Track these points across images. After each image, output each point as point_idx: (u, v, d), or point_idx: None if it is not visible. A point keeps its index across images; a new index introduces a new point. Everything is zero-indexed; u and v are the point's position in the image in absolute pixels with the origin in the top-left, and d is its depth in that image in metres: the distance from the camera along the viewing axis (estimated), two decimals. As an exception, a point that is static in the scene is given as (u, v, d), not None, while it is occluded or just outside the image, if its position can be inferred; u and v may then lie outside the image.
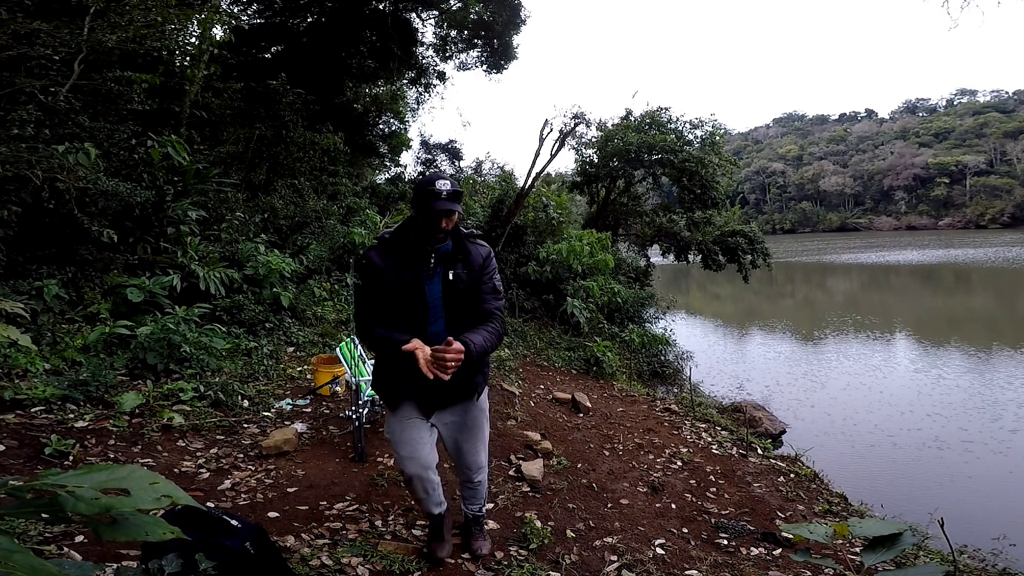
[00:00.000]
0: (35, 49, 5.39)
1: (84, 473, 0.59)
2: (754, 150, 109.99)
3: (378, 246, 2.18)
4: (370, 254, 2.17)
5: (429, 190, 2.05)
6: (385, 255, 2.14)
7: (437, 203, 2.04)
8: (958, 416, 8.13)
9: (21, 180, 4.84)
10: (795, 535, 1.22)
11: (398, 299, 2.12)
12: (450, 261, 2.16)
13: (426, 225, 2.08)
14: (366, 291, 2.16)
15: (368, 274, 2.15)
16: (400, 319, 2.12)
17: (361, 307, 2.18)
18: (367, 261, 2.16)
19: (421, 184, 2.09)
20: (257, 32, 12.26)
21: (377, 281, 2.13)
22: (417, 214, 2.10)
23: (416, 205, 2.10)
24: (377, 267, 2.13)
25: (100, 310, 4.94)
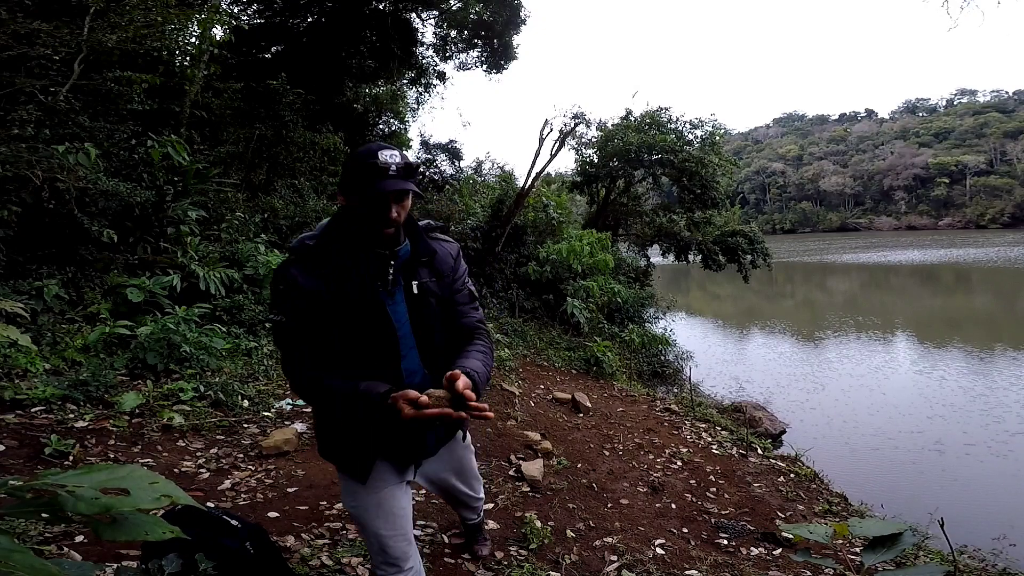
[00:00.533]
0: (35, 49, 5.40)
1: (84, 473, 0.59)
2: (754, 150, 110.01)
3: (299, 259, 1.50)
4: (291, 272, 1.48)
5: (370, 164, 1.41)
6: (314, 271, 1.48)
7: (384, 183, 1.41)
8: (960, 418, 8.13)
9: (21, 180, 4.84)
10: (795, 535, 1.22)
11: (349, 331, 1.48)
12: (410, 268, 1.55)
13: (369, 217, 1.44)
14: (295, 329, 1.48)
15: (293, 303, 1.46)
16: (355, 359, 1.49)
17: (291, 352, 1.49)
18: (287, 285, 1.48)
19: (358, 158, 1.44)
20: (257, 32, 12.25)
21: (310, 310, 1.46)
22: (354, 202, 1.46)
23: (352, 188, 1.45)
24: (306, 290, 1.45)
25: (100, 310, 4.94)
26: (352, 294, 1.48)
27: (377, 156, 1.42)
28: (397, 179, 1.43)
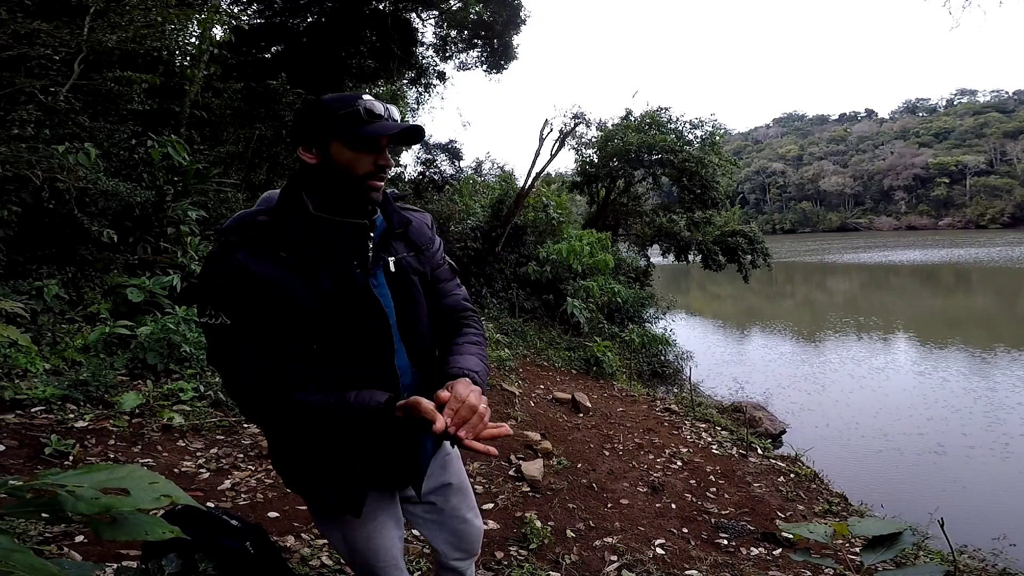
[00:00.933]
0: (35, 49, 5.40)
1: (84, 473, 0.59)
2: (754, 150, 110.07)
3: (245, 241, 1.14)
4: (236, 259, 1.12)
5: (355, 107, 1.13)
6: (269, 253, 1.14)
7: (380, 124, 1.14)
8: (961, 418, 8.12)
9: (21, 180, 4.84)
10: (795, 535, 1.23)
11: (324, 326, 1.16)
12: (385, 242, 1.25)
13: (351, 172, 1.15)
14: (244, 331, 1.12)
15: (241, 298, 1.12)
16: (333, 362, 1.17)
17: (240, 364, 1.14)
18: (231, 275, 1.12)
19: (334, 101, 1.15)
20: (257, 32, 12.25)
21: (267, 306, 1.12)
22: (326, 156, 1.15)
23: (324, 137, 1.15)
24: (261, 279, 1.11)
25: (100, 310, 4.94)
26: (328, 278, 1.16)
27: (361, 99, 1.15)
28: (401, 129, 1.16)
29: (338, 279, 1.17)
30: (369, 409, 1.10)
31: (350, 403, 1.11)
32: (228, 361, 1.15)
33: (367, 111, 1.14)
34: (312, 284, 1.14)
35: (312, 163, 1.16)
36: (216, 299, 1.13)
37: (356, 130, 1.12)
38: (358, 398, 1.12)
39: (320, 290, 1.15)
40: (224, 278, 1.13)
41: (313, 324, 1.15)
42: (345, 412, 1.11)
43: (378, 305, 1.21)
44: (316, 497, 1.32)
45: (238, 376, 1.15)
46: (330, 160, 1.15)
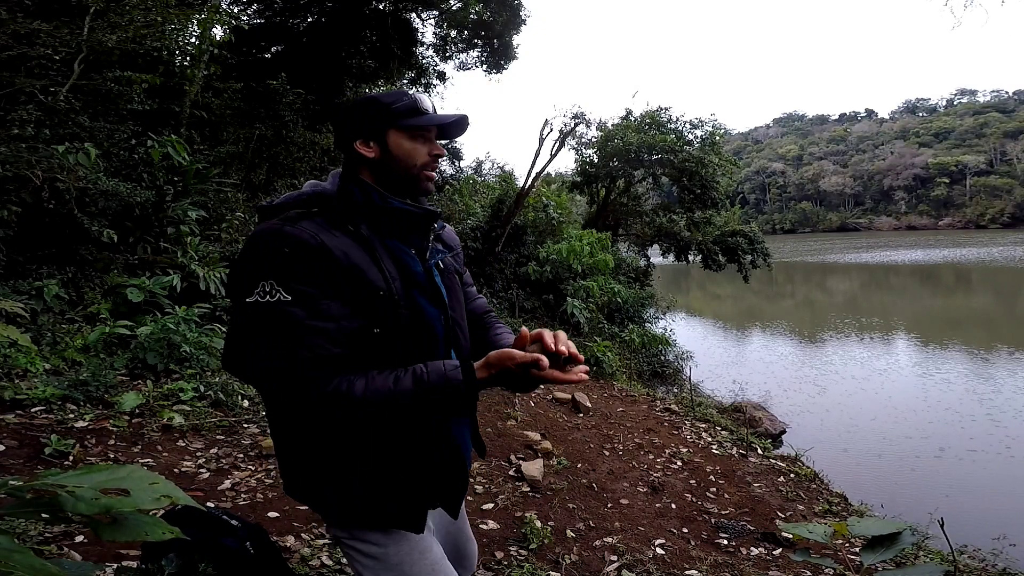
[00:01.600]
0: (35, 49, 5.40)
1: (84, 473, 0.59)
2: (754, 150, 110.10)
3: (307, 215, 1.09)
4: (304, 229, 1.04)
5: (411, 99, 1.16)
6: (337, 230, 1.08)
7: (431, 117, 1.17)
8: (962, 420, 8.12)
9: (21, 180, 4.84)
10: (795, 535, 1.23)
11: (387, 313, 1.07)
12: (436, 238, 1.27)
13: (411, 168, 1.16)
14: (313, 308, 1.01)
15: (311, 269, 1.02)
16: (385, 353, 1.07)
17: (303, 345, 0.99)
18: (303, 243, 1.02)
19: (390, 95, 1.16)
20: (257, 32, 12.25)
21: (340, 282, 1.03)
22: (382, 146, 1.15)
23: (381, 128, 1.15)
24: (334, 253, 1.04)
25: (100, 310, 4.94)
26: (393, 263, 1.11)
27: (412, 93, 1.18)
28: (452, 125, 1.21)
29: (403, 265, 1.14)
30: (450, 380, 1.00)
31: (428, 378, 1.00)
32: (283, 346, 0.99)
33: (421, 103, 1.18)
34: (381, 266, 1.09)
35: (371, 156, 1.16)
36: (278, 272, 1.00)
37: (414, 121, 1.15)
38: (432, 370, 1.01)
39: (389, 273, 1.09)
40: (293, 248, 1.01)
41: (380, 308, 1.07)
42: (426, 388, 1.00)
43: (440, 294, 1.19)
44: (373, 511, 1.14)
45: (295, 363, 0.98)
46: (389, 152, 1.16)
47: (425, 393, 1.00)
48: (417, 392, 1.00)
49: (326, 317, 1.01)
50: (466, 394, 1.00)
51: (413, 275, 1.14)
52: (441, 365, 1.02)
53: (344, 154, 1.20)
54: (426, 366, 1.02)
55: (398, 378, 1.01)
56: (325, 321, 1.01)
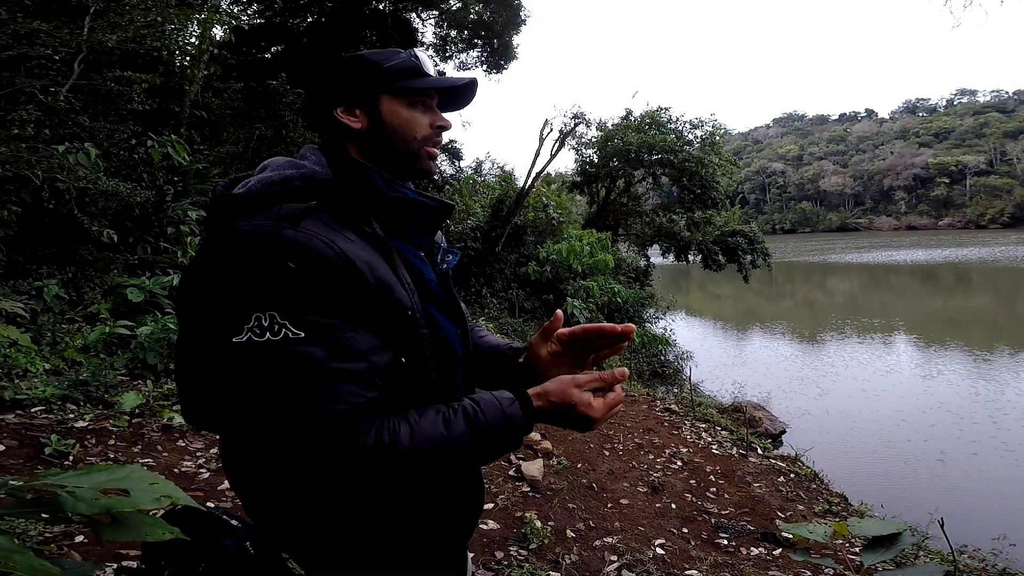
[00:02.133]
0: (35, 49, 5.40)
1: (84, 473, 0.59)
2: (754, 150, 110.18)
3: (304, 216, 0.79)
4: (311, 232, 0.76)
5: (407, 60, 0.92)
6: (349, 230, 0.82)
7: (435, 79, 0.94)
8: (962, 421, 8.11)
9: (21, 180, 4.84)
10: (795, 535, 1.23)
11: (413, 335, 0.84)
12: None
13: (409, 143, 0.92)
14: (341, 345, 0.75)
15: (330, 290, 0.75)
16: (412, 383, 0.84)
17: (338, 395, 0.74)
18: (314, 253, 0.75)
19: (377, 56, 0.91)
20: (257, 32, 12.26)
21: (365, 304, 0.78)
22: (375, 122, 0.91)
23: (372, 94, 0.90)
24: (355, 263, 0.77)
25: (100, 310, 4.94)
26: (422, 279, 0.89)
27: (404, 56, 0.92)
28: (458, 83, 0.97)
29: (417, 273, 0.89)
30: (511, 418, 0.81)
31: (483, 420, 0.80)
32: (301, 402, 0.72)
33: (422, 63, 0.93)
34: (400, 276, 0.83)
35: (356, 127, 0.90)
36: (282, 299, 0.73)
37: (414, 83, 0.90)
38: (487, 408, 0.81)
39: (408, 285, 0.84)
40: (301, 263, 0.73)
41: (406, 332, 0.82)
42: (484, 430, 0.79)
43: (458, 306, 0.97)
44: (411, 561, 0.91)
45: (322, 421, 0.72)
46: (381, 121, 0.90)
47: (483, 436, 0.79)
48: (474, 436, 0.79)
49: (355, 356, 0.75)
50: (525, 432, 0.83)
51: (426, 284, 0.90)
52: (494, 401, 0.81)
53: (320, 130, 0.93)
54: (477, 403, 0.81)
55: (448, 421, 0.79)
56: (355, 361, 0.75)
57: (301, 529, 0.88)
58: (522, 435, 0.82)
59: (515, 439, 0.82)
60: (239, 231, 0.77)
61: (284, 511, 0.89)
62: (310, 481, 0.83)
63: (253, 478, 0.91)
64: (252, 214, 0.79)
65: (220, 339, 0.75)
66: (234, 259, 0.76)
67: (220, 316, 0.76)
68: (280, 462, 0.80)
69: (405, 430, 0.76)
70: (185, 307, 0.84)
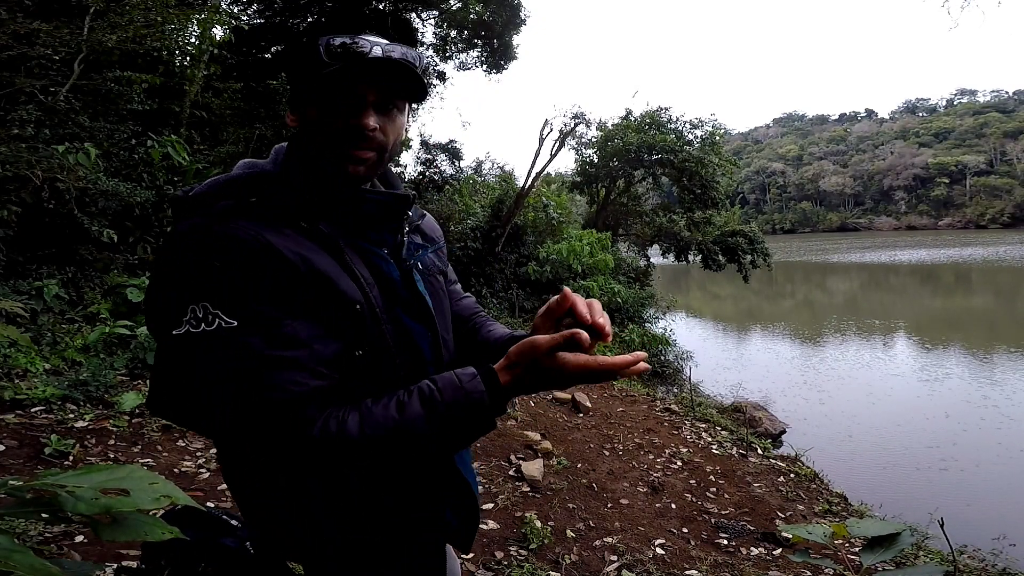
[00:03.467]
0: (35, 49, 5.40)
1: (84, 473, 0.59)
2: (754, 150, 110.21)
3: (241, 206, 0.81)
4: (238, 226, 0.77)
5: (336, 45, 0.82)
6: (282, 223, 0.81)
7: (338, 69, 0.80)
8: (963, 420, 8.11)
9: (21, 180, 4.85)
10: (795, 535, 1.23)
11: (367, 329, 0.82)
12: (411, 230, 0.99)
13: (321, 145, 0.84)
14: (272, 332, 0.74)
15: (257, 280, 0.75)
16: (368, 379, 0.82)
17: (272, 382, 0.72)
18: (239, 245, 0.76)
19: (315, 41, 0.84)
20: (257, 32, 12.26)
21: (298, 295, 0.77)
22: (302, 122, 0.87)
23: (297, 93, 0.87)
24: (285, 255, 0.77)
25: (100, 310, 4.94)
26: (383, 277, 0.87)
27: (335, 35, 0.83)
28: (382, 63, 0.82)
29: (376, 270, 0.86)
30: (472, 393, 0.75)
31: (440, 398, 0.75)
32: (242, 391, 0.72)
33: (336, 48, 0.82)
34: (354, 272, 0.82)
35: (291, 125, 0.89)
36: (213, 290, 0.74)
37: (315, 75, 0.82)
38: (448, 382, 0.76)
39: (365, 280, 0.83)
40: (227, 254, 0.74)
41: (360, 325, 0.81)
42: (442, 410, 0.75)
43: (424, 304, 0.91)
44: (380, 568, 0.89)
45: (264, 409, 0.72)
46: (304, 121, 0.86)
47: (441, 417, 0.74)
48: (431, 417, 0.74)
49: (293, 343, 0.74)
50: (491, 407, 0.75)
51: (389, 282, 0.87)
52: (453, 376, 0.77)
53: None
54: (433, 381, 0.77)
55: (402, 404, 0.75)
56: (294, 348, 0.74)
57: (277, 512, 0.89)
58: (490, 413, 0.76)
59: (482, 418, 0.76)
60: (177, 230, 0.81)
61: (262, 494, 0.89)
62: (285, 465, 0.81)
63: (227, 464, 0.92)
64: (191, 213, 0.82)
65: (165, 333, 0.78)
66: (171, 256, 0.79)
67: (163, 310, 0.80)
68: (249, 448, 0.79)
69: (354, 418, 0.74)
70: (145, 305, 0.88)
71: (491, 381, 0.76)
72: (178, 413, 0.89)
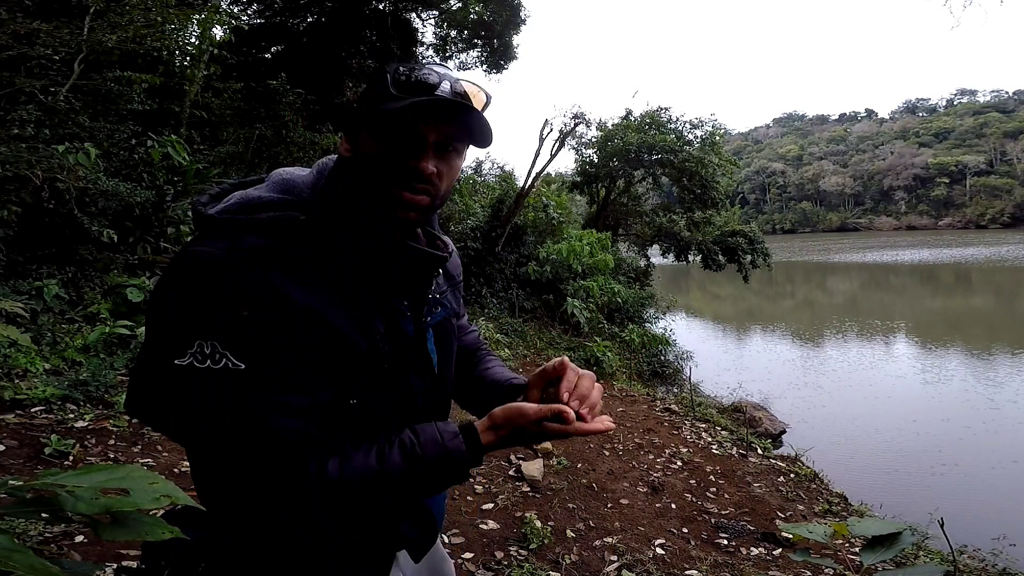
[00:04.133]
0: (35, 49, 5.40)
1: (84, 473, 0.59)
2: (754, 150, 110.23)
3: (269, 249, 0.76)
4: (260, 275, 0.74)
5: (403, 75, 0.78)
6: (308, 272, 0.78)
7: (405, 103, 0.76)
8: (964, 420, 8.11)
9: (21, 180, 4.85)
10: (795, 535, 1.23)
11: (366, 379, 0.82)
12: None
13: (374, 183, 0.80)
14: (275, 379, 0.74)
15: (272, 328, 0.73)
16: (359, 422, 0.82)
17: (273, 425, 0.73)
18: (261, 295, 0.73)
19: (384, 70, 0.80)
20: (257, 32, 12.26)
21: (307, 343, 0.76)
22: (355, 152, 0.82)
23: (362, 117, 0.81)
24: (303, 308, 0.75)
25: (100, 310, 4.94)
26: (382, 319, 0.84)
27: (405, 63, 0.79)
28: (449, 104, 0.77)
29: (392, 323, 0.85)
30: (453, 453, 0.78)
31: (420, 452, 0.77)
32: (238, 429, 0.73)
33: (405, 78, 0.77)
34: (361, 322, 0.80)
35: (345, 155, 0.84)
36: (223, 329, 0.72)
37: (380, 106, 0.77)
38: (426, 441, 0.78)
39: (372, 331, 0.82)
40: (240, 296, 0.72)
41: (358, 373, 0.81)
42: (421, 466, 0.77)
43: (429, 364, 0.92)
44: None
45: (258, 449, 0.73)
46: (357, 152, 0.82)
47: (419, 471, 0.77)
48: (409, 471, 0.77)
49: (298, 390, 0.75)
50: (470, 466, 0.79)
51: (402, 338, 0.86)
52: (435, 432, 0.79)
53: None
54: (416, 434, 0.79)
55: (383, 455, 0.77)
56: (298, 396, 0.75)
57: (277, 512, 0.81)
58: (467, 468, 0.79)
59: (459, 473, 0.79)
60: (199, 254, 0.76)
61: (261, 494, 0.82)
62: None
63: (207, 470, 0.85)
64: (216, 237, 0.78)
65: (165, 357, 0.74)
66: (185, 280, 0.75)
67: (166, 332, 0.76)
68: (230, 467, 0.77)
69: (333, 464, 0.75)
70: (147, 313, 0.82)
71: (472, 442, 0.79)
72: (157, 421, 0.83)
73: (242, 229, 0.78)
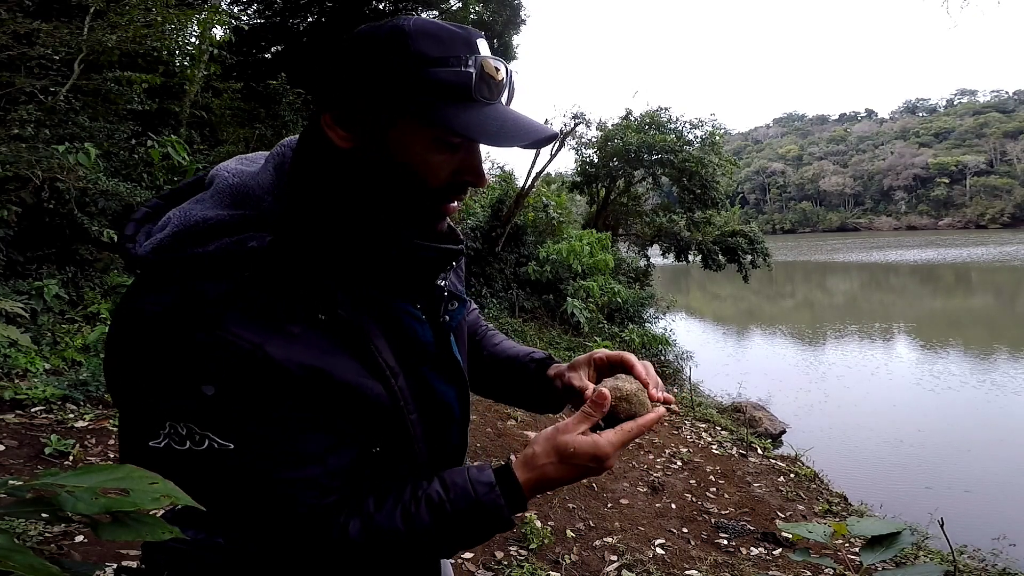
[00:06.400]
0: (35, 49, 5.40)
1: (84, 473, 0.59)
2: (754, 150, 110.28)
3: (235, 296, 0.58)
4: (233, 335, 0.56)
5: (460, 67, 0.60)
6: (289, 319, 0.60)
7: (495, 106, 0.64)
8: (964, 420, 8.11)
9: (21, 180, 4.85)
10: (795, 535, 1.22)
11: (391, 421, 0.67)
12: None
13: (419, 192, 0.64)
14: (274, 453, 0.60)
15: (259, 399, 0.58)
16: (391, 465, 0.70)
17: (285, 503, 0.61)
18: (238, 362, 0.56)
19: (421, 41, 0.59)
20: (257, 32, 12.26)
21: (307, 404, 0.61)
22: (374, 148, 0.62)
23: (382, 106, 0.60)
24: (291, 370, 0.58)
25: (100, 310, 4.94)
26: (415, 344, 0.71)
27: (473, 42, 0.64)
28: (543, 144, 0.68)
29: (407, 341, 0.70)
30: (485, 506, 0.66)
31: (450, 509, 0.65)
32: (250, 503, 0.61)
33: (491, 77, 0.63)
34: (379, 365, 0.65)
35: (342, 146, 0.63)
36: (198, 411, 0.57)
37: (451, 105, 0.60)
38: (456, 495, 0.66)
39: (390, 370, 0.66)
40: (218, 370, 0.57)
41: (382, 423, 0.67)
42: (452, 523, 0.66)
43: (458, 368, 0.78)
44: None
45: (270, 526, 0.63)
46: (384, 149, 0.62)
47: (452, 529, 0.66)
48: (440, 530, 0.65)
49: (304, 461, 0.62)
50: (514, 512, 0.67)
51: (422, 348, 0.71)
52: (466, 482, 0.66)
53: (305, 133, 0.66)
54: (444, 486, 0.67)
55: (409, 514, 0.65)
56: (305, 467, 0.62)
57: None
58: (508, 518, 0.67)
59: (498, 526, 0.67)
60: (137, 312, 0.59)
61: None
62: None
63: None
64: (157, 285, 0.60)
65: (138, 438, 0.60)
66: (130, 348, 0.59)
67: (131, 411, 0.61)
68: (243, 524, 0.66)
69: (355, 524, 0.64)
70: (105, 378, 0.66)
71: (511, 492, 0.67)
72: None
73: (189, 272, 0.59)
